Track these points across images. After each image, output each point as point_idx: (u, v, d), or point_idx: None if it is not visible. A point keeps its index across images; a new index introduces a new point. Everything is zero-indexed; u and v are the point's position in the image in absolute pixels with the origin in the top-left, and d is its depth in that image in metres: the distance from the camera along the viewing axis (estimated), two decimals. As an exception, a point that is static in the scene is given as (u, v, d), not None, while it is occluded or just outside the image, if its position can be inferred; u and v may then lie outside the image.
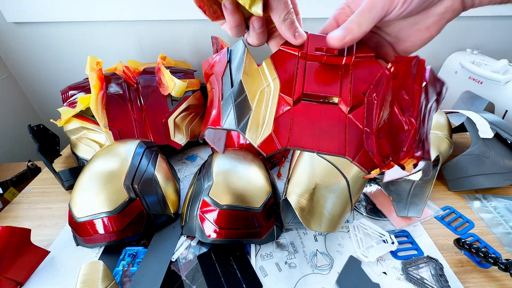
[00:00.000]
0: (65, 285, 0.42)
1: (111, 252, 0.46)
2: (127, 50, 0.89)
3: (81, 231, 0.44)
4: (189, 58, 0.90)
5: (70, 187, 0.57)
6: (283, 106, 0.31)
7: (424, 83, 0.28)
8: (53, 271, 0.43)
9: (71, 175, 0.55)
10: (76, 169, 0.56)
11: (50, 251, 0.45)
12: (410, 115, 0.27)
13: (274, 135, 0.29)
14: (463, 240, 0.44)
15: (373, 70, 0.31)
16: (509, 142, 0.59)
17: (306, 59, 0.32)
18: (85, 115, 0.61)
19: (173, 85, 0.63)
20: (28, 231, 0.41)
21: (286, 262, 0.45)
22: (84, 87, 0.65)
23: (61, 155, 0.66)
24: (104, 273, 0.37)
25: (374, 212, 0.54)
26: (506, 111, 0.71)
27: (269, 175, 0.53)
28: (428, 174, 0.30)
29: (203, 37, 0.86)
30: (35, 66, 0.90)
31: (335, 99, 0.31)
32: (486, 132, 0.57)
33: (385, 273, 0.44)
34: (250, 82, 0.31)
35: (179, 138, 0.65)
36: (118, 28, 0.84)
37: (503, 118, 0.71)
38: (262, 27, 0.30)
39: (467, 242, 0.44)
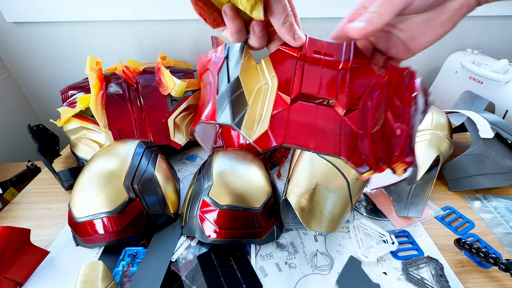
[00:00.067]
0: (64, 285, 0.42)
1: (111, 252, 0.46)
2: (127, 50, 0.89)
3: (81, 231, 0.44)
4: (189, 58, 0.90)
5: (69, 187, 0.56)
6: (280, 104, 0.31)
7: (414, 93, 0.28)
8: (52, 271, 0.43)
9: (71, 175, 0.55)
10: (75, 169, 0.56)
11: (49, 251, 0.45)
12: (402, 121, 0.28)
13: (270, 131, 0.29)
14: (463, 240, 0.44)
15: (369, 76, 0.32)
16: (509, 142, 0.59)
17: (304, 61, 0.33)
18: (85, 115, 0.61)
19: (173, 85, 0.63)
20: (27, 231, 0.41)
21: (286, 262, 0.45)
22: (83, 87, 0.65)
23: (60, 155, 0.66)
24: (103, 273, 0.37)
25: (374, 212, 0.54)
26: (507, 111, 0.70)
27: (269, 175, 0.53)
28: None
29: (203, 37, 0.86)
30: (35, 66, 0.90)
31: (332, 101, 0.31)
32: (486, 132, 0.57)
33: (385, 273, 0.44)
34: (248, 78, 0.31)
35: (179, 138, 0.64)
36: (118, 28, 0.84)
37: (503, 118, 0.71)
38: (263, 31, 0.30)
39: (468, 242, 0.44)
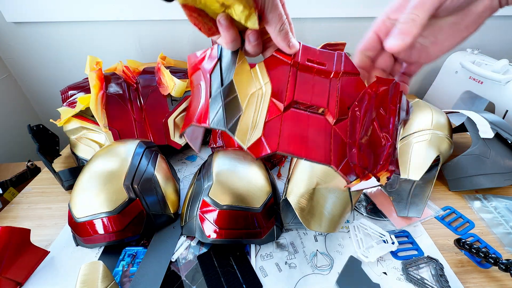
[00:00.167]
0: (64, 285, 0.42)
1: (111, 252, 0.46)
2: (127, 50, 0.89)
3: (81, 231, 0.44)
4: (189, 58, 0.90)
5: (69, 187, 0.56)
6: (273, 111, 0.31)
7: (398, 105, 0.29)
8: (52, 271, 0.43)
9: (71, 175, 0.55)
10: (75, 169, 0.56)
11: (49, 251, 0.45)
12: (387, 131, 0.28)
13: (264, 139, 0.30)
14: (463, 240, 0.44)
15: (358, 87, 0.33)
16: (509, 142, 0.59)
17: (297, 68, 0.34)
18: (85, 115, 0.61)
19: (173, 85, 0.63)
20: (27, 231, 0.41)
21: (286, 262, 0.45)
22: (83, 87, 0.65)
23: (60, 155, 0.66)
24: (103, 273, 0.37)
25: (374, 212, 0.54)
26: (507, 111, 0.70)
27: (269, 175, 0.53)
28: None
29: (203, 37, 0.85)
30: (35, 66, 0.90)
31: (323, 110, 0.32)
32: (486, 132, 0.57)
33: (385, 273, 0.44)
34: (242, 83, 0.32)
35: (179, 138, 0.64)
36: (118, 28, 0.84)
37: (503, 118, 0.71)
38: (258, 40, 0.31)
39: (468, 242, 0.44)
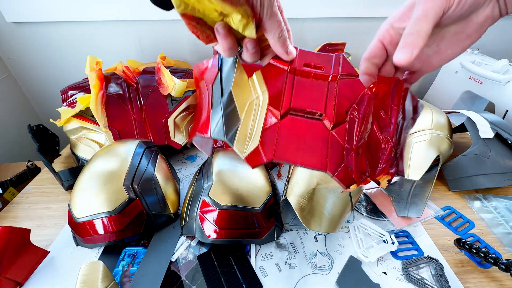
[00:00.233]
0: (64, 285, 0.42)
1: (111, 252, 0.46)
2: (127, 50, 0.89)
3: (81, 231, 0.44)
4: (189, 58, 0.90)
5: (69, 187, 0.56)
6: (270, 119, 0.32)
7: (401, 104, 0.29)
8: (52, 271, 0.43)
9: (71, 175, 0.55)
10: (75, 169, 0.56)
11: (49, 251, 0.45)
12: (388, 133, 0.28)
13: (261, 147, 0.30)
14: (463, 240, 0.44)
15: (356, 89, 0.32)
16: (509, 142, 0.59)
17: (294, 74, 0.34)
18: (85, 115, 0.61)
19: (173, 85, 0.63)
20: (27, 231, 0.41)
21: (286, 262, 0.45)
22: (83, 87, 0.65)
23: (60, 155, 0.66)
24: (103, 273, 0.37)
25: (374, 212, 0.54)
26: (507, 111, 0.70)
27: (269, 175, 0.53)
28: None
29: (203, 37, 0.86)
30: (35, 66, 0.90)
31: (320, 114, 0.32)
32: (486, 132, 0.57)
33: (385, 273, 0.44)
34: (240, 93, 0.32)
35: (179, 138, 0.64)
36: (118, 28, 0.84)
37: (503, 118, 0.71)
38: (255, 48, 0.31)
39: (468, 242, 0.44)
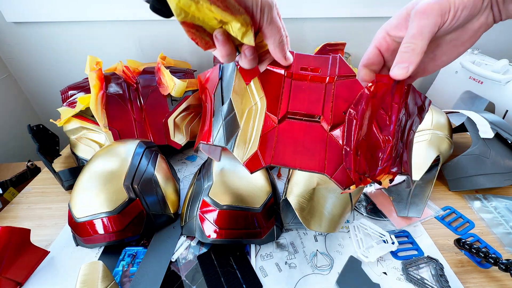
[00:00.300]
0: (64, 285, 0.42)
1: (111, 252, 0.46)
2: (127, 50, 0.89)
3: (81, 231, 0.44)
4: (189, 58, 0.90)
5: (69, 187, 0.56)
6: (269, 124, 0.32)
7: (402, 102, 0.29)
8: (52, 271, 0.43)
9: (71, 175, 0.55)
10: (75, 169, 0.56)
11: (49, 251, 0.45)
12: (388, 132, 0.28)
13: (260, 152, 0.31)
14: (463, 240, 0.44)
15: (354, 90, 0.33)
16: (509, 142, 0.59)
17: (292, 78, 0.34)
18: (85, 115, 0.61)
19: (173, 85, 0.63)
20: (27, 231, 0.41)
21: (286, 262, 0.45)
22: (83, 87, 0.65)
23: (60, 155, 0.66)
24: (103, 273, 0.37)
25: (374, 212, 0.54)
26: (507, 111, 0.70)
27: (269, 175, 0.53)
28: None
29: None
30: (35, 66, 0.90)
31: (318, 117, 0.32)
32: (486, 132, 0.57)
33: (385, 273, 0.44)
34: (239, 100, 0.33)
35: (179, 138, 0.64)
36: (118, 28, 0.84)
37: (503, 118, 0.71)
38: (253, 54, 0.31)
39: (468, 242, 0.44)
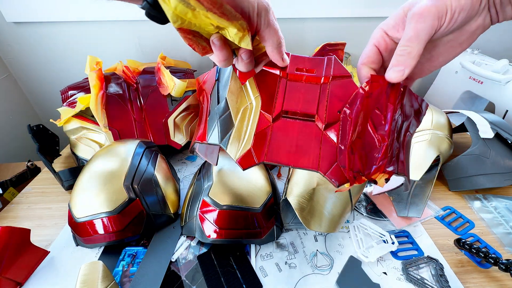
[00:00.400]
0: (64, 285, 0.42)
1: (111, 252, 0.46)
2: (127, 50, 0.89)
3: (81, 231, 0.44)
4: (189, 58, 0.90)
5: (69, 187, 0.56)
6: (263, 122, 0.32)
7: (398, 102, 0.29)
8: (52, 271, 0.43)
9: (71, 175, 0.55)
10: (75, 169, 0.56)
11: (49, 251, 0.45)
12: (383, 132, 0.28)
13: (253, 150, 0.31)
14: (463, 240, 0.44)
15: (349, 89, 0.33)
16: (509, 142, 0.59)
17: (287, 78, 0.35)
18: (85, 115, 0.61)
19: (173, 85, 0.63)
20: (27, 231, 0.41)
21: (286, 262, 0.45)
22: (83, 87, 0.65)
23: (60, 155, 0.66)
24: (103, 273, 0.37)
25: (374, 212, 0.54)
26: (507, 111, 0.70)
27: (269, 175, 0.53)
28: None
29: (203, 37, 0.86)
30: (35, 66, 0.90)
31: (312, 116, 0.32)
32: (486, 132, 0.57)
33: (385, 273, 0.44)
34: (234, 100, 0.34)
35: (179, 138, 0.64)
36: (118, 28, 0.84)
37: (503, 118, 0.71)
38: (250, 58, 0.31)
39: (468, 242, 0.44)
